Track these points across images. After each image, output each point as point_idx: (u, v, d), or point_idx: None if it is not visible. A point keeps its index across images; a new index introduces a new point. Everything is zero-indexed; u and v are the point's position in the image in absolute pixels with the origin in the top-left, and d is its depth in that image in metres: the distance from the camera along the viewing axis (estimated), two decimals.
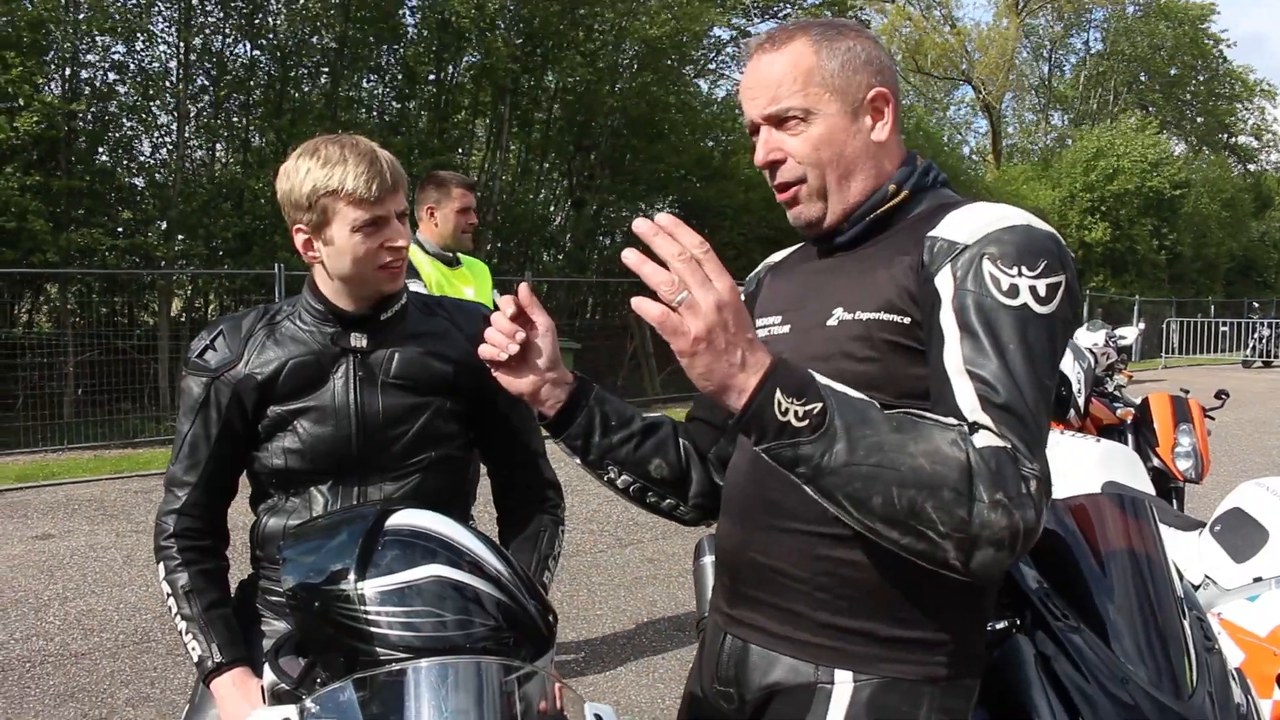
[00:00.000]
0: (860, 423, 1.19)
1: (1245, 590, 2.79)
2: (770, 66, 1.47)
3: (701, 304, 1.16)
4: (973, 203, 1.43)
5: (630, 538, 6.97)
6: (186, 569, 1.88)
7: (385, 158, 1.83)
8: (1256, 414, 14.57)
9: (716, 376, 1.19)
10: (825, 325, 1.45)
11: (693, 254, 1.17)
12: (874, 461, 1.18)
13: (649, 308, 1.17)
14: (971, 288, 1.31)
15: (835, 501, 1.21)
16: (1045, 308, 1.30)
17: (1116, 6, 37.55)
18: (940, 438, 1.20)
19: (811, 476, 1.20)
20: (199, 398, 1.90)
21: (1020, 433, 1.23)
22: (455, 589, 1.30)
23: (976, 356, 1.28)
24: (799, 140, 1.46)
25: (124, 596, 5.60)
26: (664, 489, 1.64)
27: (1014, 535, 1.19)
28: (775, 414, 1.18)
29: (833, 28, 1.50)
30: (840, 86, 1.45)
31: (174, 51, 13.07)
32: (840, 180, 1.48)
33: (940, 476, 1.18)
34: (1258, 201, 39.16)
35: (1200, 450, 5.35)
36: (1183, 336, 27.94)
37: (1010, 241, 1.33)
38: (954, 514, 1.17)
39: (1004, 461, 1.20)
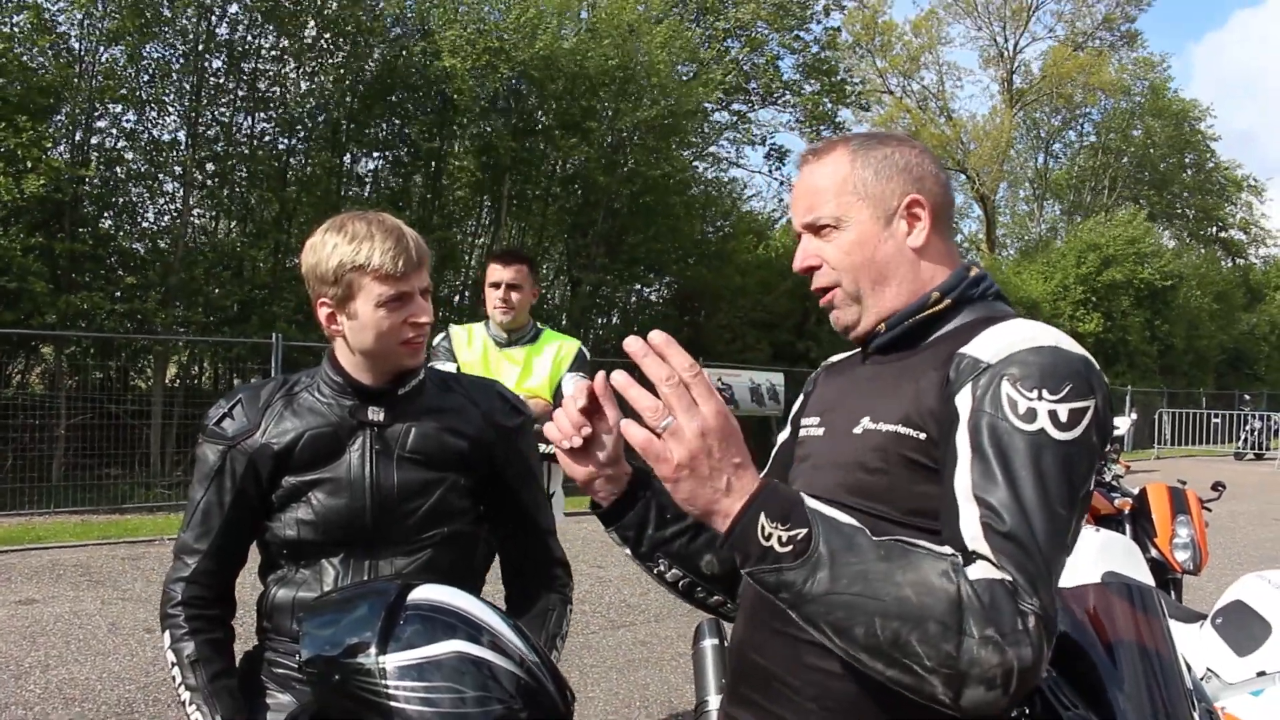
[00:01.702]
0: (846, 549, 1.16)
1: (1249, 685, 2.77)
2: (810, 177, 1.50)
3: (685, 430, 1.15)
4: (1014, 319, 1.40)
5: (623, 620, 6.90)
6: (193, 638, 1.87)
7: (411, 235, 1.86)
8: (1250, 506, 14.56)
9: (700, 502, 1.18)
10: (851, 433, 1.44)
11: (681, 377, 1.16)
12: (857, 590, 1.14)
13: (634, 433, 1.17)
14: (988, 409, 1.26)
15: (818, 629, 1.18)
16: (1065, 434, 1.24)
17: (1110, 102, 38.38)
18: (930, 568, 1.16)
19: (794, 603, 1.17)
20: (214, 465, 1.90)
21: (1022, 564, 1.18)
22: (475, 665, 1.30)
23: (985, 482, 1.23)
24: (832, 246, 1.48)
25: (108, 665, 5.51)
26: (713, 585, 1.61)
27: (1007, 674, 1.13)
28: (758, 538, 1.16)
29: (874, 138, 1.52)
30: (873, 194, 1.47)
31: (183, 121, 13.27)
32: (874, 285, 1.47)
33: (926, 609, 1.13)
34: (1247, 294, 39.58)
35: (1198, 542, 5.35)
36: (1175, 427, 28.04)
37: (1034, 363, 1.28)
38: (940, 649, 1.12)
39: (999, 595, 1.15)
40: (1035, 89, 37.96)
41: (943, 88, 38.70)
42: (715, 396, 1.17)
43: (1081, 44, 37.86)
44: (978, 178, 37.47)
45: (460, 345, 4.19)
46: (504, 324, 4.16)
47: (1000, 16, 38.39)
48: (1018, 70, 38.53)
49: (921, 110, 38.04)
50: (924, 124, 37.38)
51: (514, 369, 4.13)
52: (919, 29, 37.68)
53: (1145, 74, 38.58)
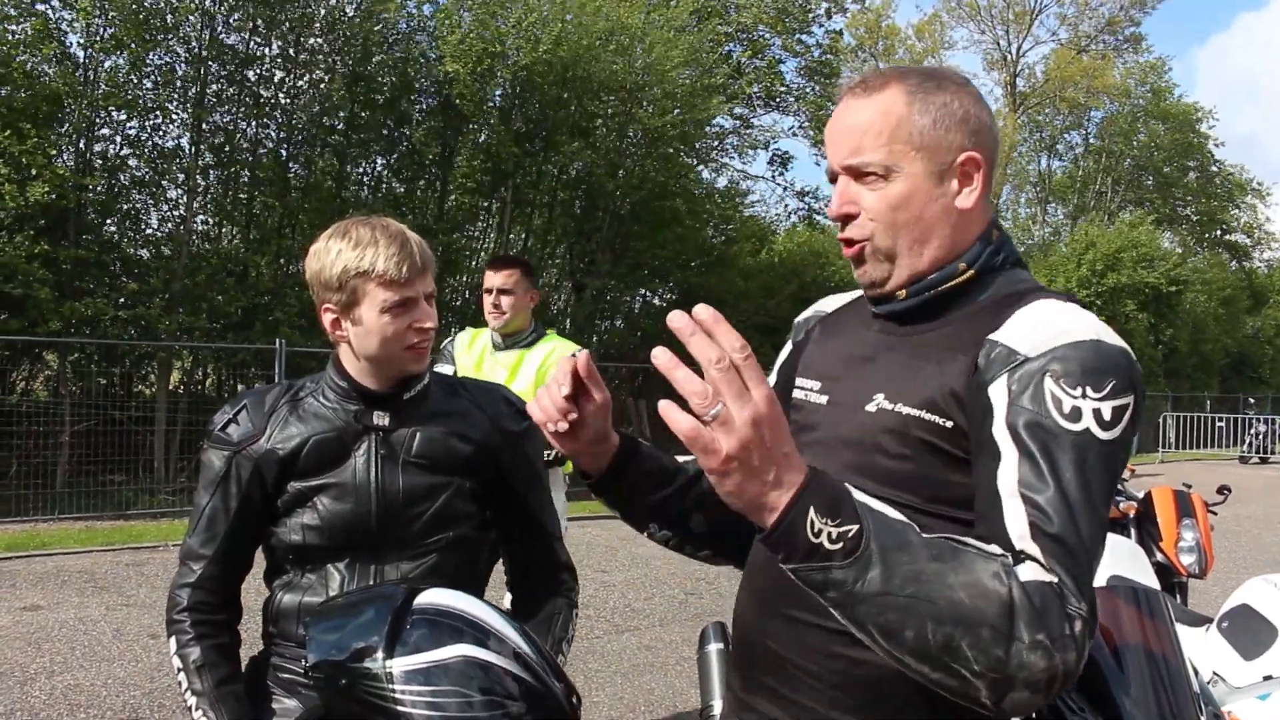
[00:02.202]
0: (898, 548, 1.10)
1: (1256, 688, 2.77)
2: (857, 114, 1.38)
3: (736, 420, 1.05)
4: (1039, 299, 1.34)
5: (627, 624, 6.90)
6: (199, 643, 1.87)
7: (415, 240, 1.87)
8: (1255, 510, 14.53)
9: (748, 496, 1.08)
10: (864, 409, 1.37)
11: (731, 359, 1.06)
12: (910, 593, 1.08)
13: (679, 420, 1.05)
14: (1030, 406, 1.22)
15: (864, 630, 1.11)
16: (1108, 433, 1.22)
17: (1113, 106, 38.38)
18: (982, 570, 1.12)
19: (842, 602, 1.10)
20: (220, 471, 1.90)
21: (1070, 567, 1.15)
22: (482, 669, 1.30)
23: (1033, 480, 1.19)
24: (875, 197, 1.37)
25: (113, 671, 5.52)
26: (701, 540, 1.58)
27: (1051, 679, 1.10)
28: (807, 535, 1.08)
29: (933, 78, 1.40)
30: (929, 145, 1.36)
31: (186, 128, 13.30)
32: (913, 244, 1.38)
33: (979, 613, 1.09)
34: (1252, 298, 39.54)
35: (1204, 545, 5.33)
36: (1179, 431, 27.98)
37: (1076, 359, 1.23)
38: (991, 654, 1.08)
39: (1049, 599, 1.11)
40: (1038, 93, 37.97)
41: None
42: (766, 381, 1.09)
43: (1085, 47, 37.87)
44: None
45: (462, 349, 4.22)
46: (497, 329, 4.19)
47: (1003, 20, 38.43)
48: (1021, 74, 38.58)
49: None
50: None
51: (503, 372, 4.16)
52: (922, 33, 37.74)
53: (1148, 78, 38.59)
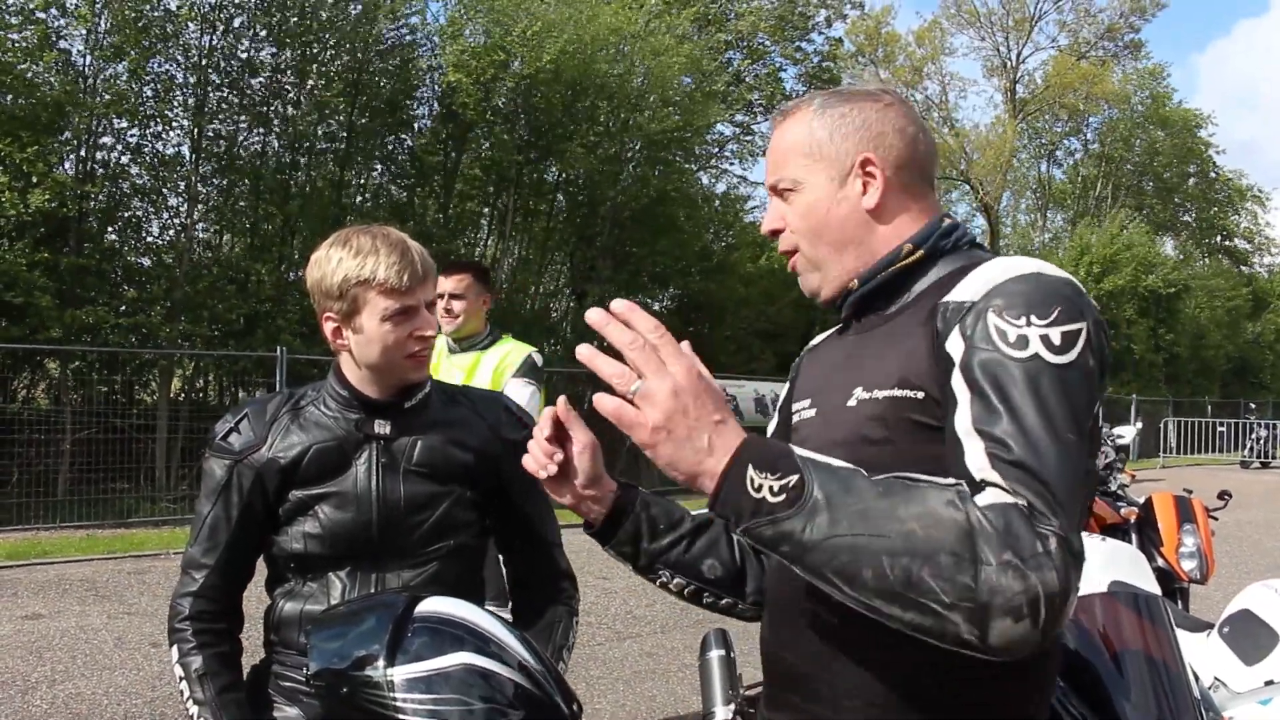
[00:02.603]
0: (843, 491, 1.09)
1: (1257, 694, 2.76)
2: (778, 138, 1.49)
3: (656, 392, 1.11)
4: (993, 259, 1.34)
5: (629, 631, 6.89)
6: (201, 652, 1.87)
7: (415, 248, 1.88)
8: (1257, 515, 14.52)
9: (683, 465, 1.12)
10: (846, 406, 1.38)
11: (646, 339, 1.13)
12: (859, 531, 1.07)
13: (605, 402, 1.12)
14: (980, 345, 1.21)
15: (825, 579, 1.10)
16: (1061, 357, 1.18)
17: (1113, 112, 38.42)
18: (934, 499, 1.10)
19: (796, 554, 1.10)
20: (221, 480, 1.91)
21: (1037, 490, 1.10)
22: (483, 677, 1.30)
23: (986, 415, 1.17)
24: (791, 210, 1.46)
25: (114, 680, 5.51)
26: (719, 588, 1.57)
27: (1033, 602, 1.04)
28: (749, 491, 1.10)
29: (838, 95, 1.47)
30: (827, 155, 1.43)
31: (187, 136, 13.33)
32: (830, 250, 1.44)
33: (935, 541, 1.06)
34: (1252, 303, 39.55)
35: (1205, 551, 5.33)
36: (1180, 436, 27.98)
37: (1018, 291, 1.23)
38: (956, 581, 1.05)
39: (1014, 519, 1.07)
40: (1038, 99, 38.02)
41: (946, 98, 38.80)
42: (686, 355, 1.14)
43: (1084, 54, 37.93)
44: (981, 187, 37.50)
45: None
46: (450, 334, 4.21)
47: (1003, 27, 38.49)
48: (1021, 80, 38.63)
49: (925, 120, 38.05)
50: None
51: (459, 375, 4.15)
52: (922, 40, 37.78)
53: (1147, 83, 38.64)
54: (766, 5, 26.08)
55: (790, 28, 26.35)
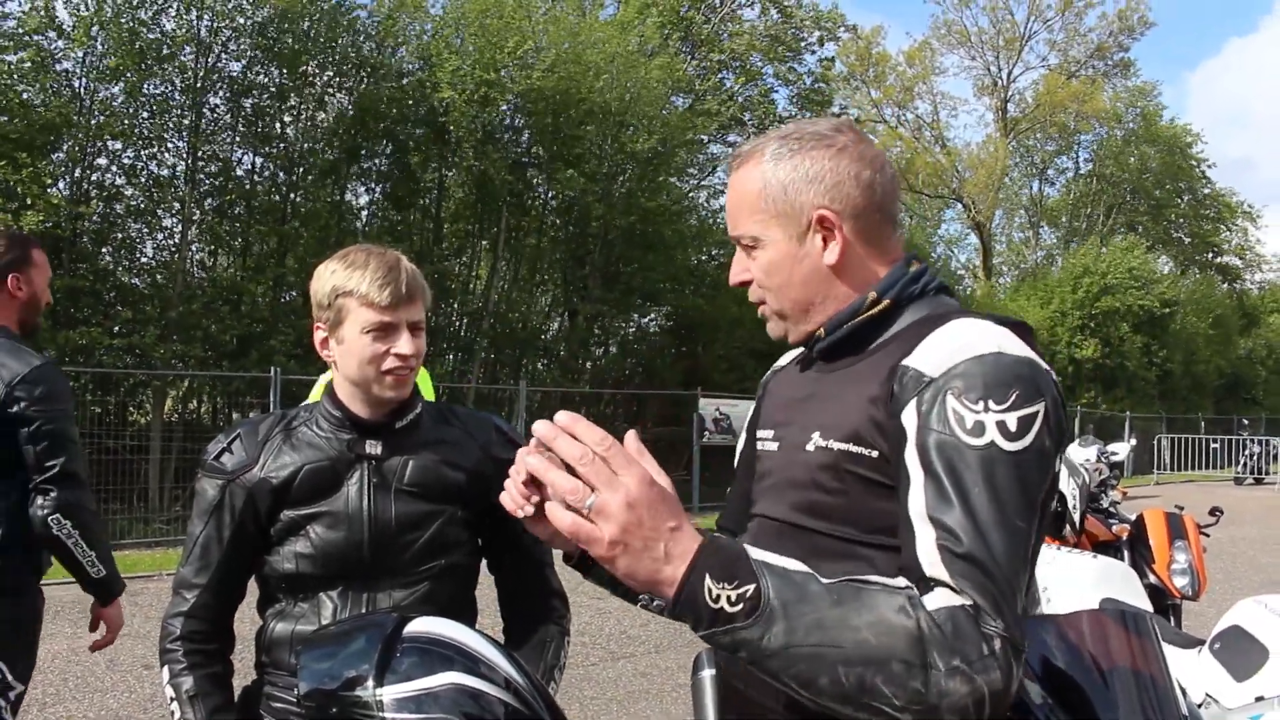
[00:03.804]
0: (798, 600, 1.11)
1: (1247, 709, 2.77)
2: (735, 187, 1.47)
3: (610, 505, 1.10)
4: (955, 319, 1.35)
5: (623, 651, 6.88)
6: (192, 673, 1.88)
7: (408, 268, 1.90)
8: (1249, 531, 14.54)
9: (641, 575, 1.12)
10: (804, 449, 1.41)
11: (595, 452, 1.11)
12: (814, 640, 1.10)
13: (560, 517, 1.12)
14: (935, 426, 1.23)
15: (782, 683, 1.14)
16: (1016, 444, 1.21)
17: (1104, 130, 38.62)
18: (886, 605, 1.13)
19: (754, 659, 1.12)
20: (213, 500, 1.92)
21: (983, 585, 1.15)
22: (472, 697, 1.31)
23: (939, 503, 1.20)
24: (756, 264, 1.46)
25: (106, 703, 5.49)
26: None
27: (979, 703, 1.11)
28: (707, 602, 1.10)
29: (794, 141, 1.44)
30: (783, 211, 1.42)
31: (182, 157, 13.36)
32: (795, 306, 1.45)
33: (887, 649, 1.10)
34: (1244, 320, 39.69)
35: (1196, 567, 5.34)
36: (1174, 453, 28.01)
37: (977, 374, 1.24)
38: (908, 686, 1.10)
39: (961, 622, 1.13)
40: (1029, 117, 38.22)
41: (937, 117, 39.01)
42: (636, 463, 1.13)
43: (1075, 73, 38.16)
44: (973, 206, 37.66)
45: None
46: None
47: (994, 46, 38.75)
48: (1012, 99, 38.84)
49: (916, 139, 38.30)
50: (918, 152, 37.62)
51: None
52: (913, 59, 38.01)
53: (1137, 101, 38.87)
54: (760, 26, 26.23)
55: (783, 48, 26.48)
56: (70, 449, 2.81)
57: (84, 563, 2.87)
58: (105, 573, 2.94)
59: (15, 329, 2.92)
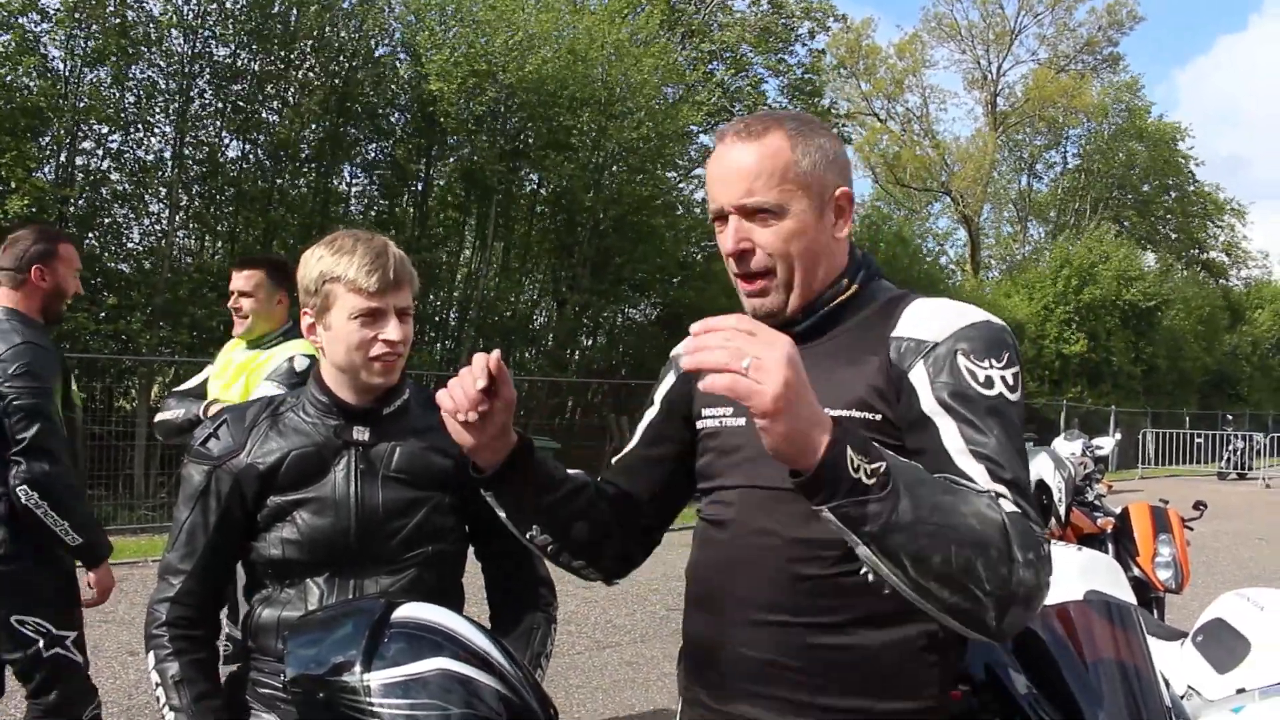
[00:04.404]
0: (918, 483, 1.23)
1: (1229, 701, 2.79)
2: (745, 156, 1.49)
3: (769, 361, 1.14)
4: (915, 299, 1.53)
5: (609, 640, 6.89)
6: (177, 659, 1.87)
7: (395, 254, 1.89)
8: (1233, 526, 14.62)
9: (797, 436, 1.17)
10: None
11: (739, 328, 1.18)
12: (936, 520, 1.21)
13: (718, 379, 1.15)
14: (949, 380, 1.40)
15: (894, 560, 1.21)
16: (1015, 395, 1.42)
17: (1091, 125, 38.70)
18: (978, 501, 1.27)
19: (876, 535, 1.19)
20: (200, 485, 1.91)
21: (1026, 501, 1.34)
22: (460, 682, 1.31)
23: (977, 437, 1.37)
24: (769, 233, 1.49)
25: None
26: (579, 551, 1.63)
27: (1039, 594, 1.27)
28: (849, 471, 1.17)
29: (806, 123, 1.54)
30: (811, 184, 1.49)
31: (168, 143, 13.28)
32: (804, 274, 1.51)
33: (988, 537, 1.23)
34: (1230, 316, 39.87)
35: (1180, 560, 5.37)
36: (1158, 447, 28.15)
37: (978, 337, 1.44)
38: (998, 572, 1.23)
39: (1025, 525, 1.28)
40: (1018, 112, 38.27)
41: (927, 110, 39.04)
42: (781, 335, 1.20)
43: (1064, 67, 38.22)
44: (962, 199, 37.72)
45: (226, 348, 4.09)
46: (239, 335, 3.97)
47: (984, 40, 38.78)
48: (1001, 93, 38.89)
49: (905, 132, 38.35)
50: (906, 145, 37.65)
51: (227, 373, 3.96)
52: (903, 52, 38.02)
53: (1124, 97, 38.95)
54: (750, 16, 26.17)
55: (774, 39, 26.44)
56: (41, 424, 3.01)
57: (56, 531, 3.04)
58: (82, 540, 3.11)
59: (37, 316, 3.27)
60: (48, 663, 3.13)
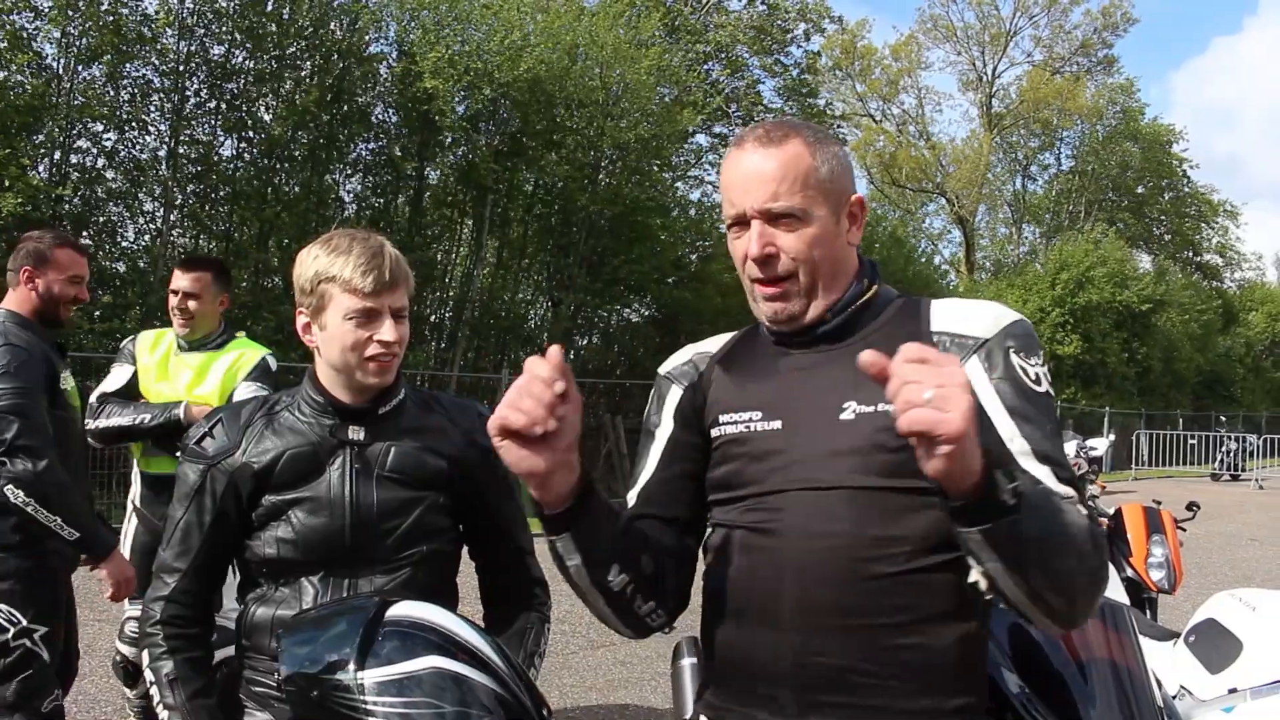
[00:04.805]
0: (1039, 497, 1.28)
1: (1221, 701, 2.80)
2: (768, 161, 1.50)
3: (952, 390, 1.14)
4: (933, 299, 1.59)
5: (603, 639, 6.88)
6: (172, 657, 1.87)
7: (391, 254, 1.89)
8: (1225, 527, 14.66)
9: (974, 463, 1.17)
10: (839, 420, 1.47)
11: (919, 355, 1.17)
12: (1055, 533, 1.27)
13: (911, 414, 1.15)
14: (1005, 376, 1.46)
15: (1021, 572, 1.25)
16: (1051, 389, 1.50)
17: (1086, 127, 38.75)
18: (1070, 509, 1.34)
19: (1015, 552, 1.23)
20: (194, 484, 1.91)
21: (1082, 497, 1.41)
22: (454, 681, 1.31)
23: (1034, 434, 1.42)
24: (794, 238, 1.50)
25: (83, 688, 5.45)
26: (650, 590, 1.52)
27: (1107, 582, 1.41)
28: (998, 492, 1.20)
29: (819, 132, 1.57)
30: (831, 191, 1.52)
31: (163, 141, 13.25)
32: (827, 278, 1.53)
33: (1085, 544, 1.32)
34: (1224, 317, 39.96)
35: (1173, 561, 5.37)
36: (1152, 449, 28.18)
37: (1023, 334, 1.50)
38: (1098, 576, 1.35)
39: (1095, 526, 1.37)
40: (1013, 113, 38.31)
41: (922, 111, 39.08)
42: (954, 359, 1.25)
43: (1059, 69, 38.27)
44: (957, 200, 37.76)
45: (144, 349, 4.14)
46: (182, 335, 4.05)
47: (979, 42, 38.83)
48: (996, 94, 38.92)
49: (901, 133, 38.39)
50: (901, 146, 37.68)
51: (188, 374, 4.04)
52: (899, 53, 38.04)
53: (1118, 98, 39.01)
54: (746, 17, 26.20)
55: (769, 40, 26.46)
56: (20, 423, 3.02)
57: (52, 527, 3.05)
58: (80, 534, 3.11)
59: (32, 318, 3.37)
60: (13, 653, 3.13)
